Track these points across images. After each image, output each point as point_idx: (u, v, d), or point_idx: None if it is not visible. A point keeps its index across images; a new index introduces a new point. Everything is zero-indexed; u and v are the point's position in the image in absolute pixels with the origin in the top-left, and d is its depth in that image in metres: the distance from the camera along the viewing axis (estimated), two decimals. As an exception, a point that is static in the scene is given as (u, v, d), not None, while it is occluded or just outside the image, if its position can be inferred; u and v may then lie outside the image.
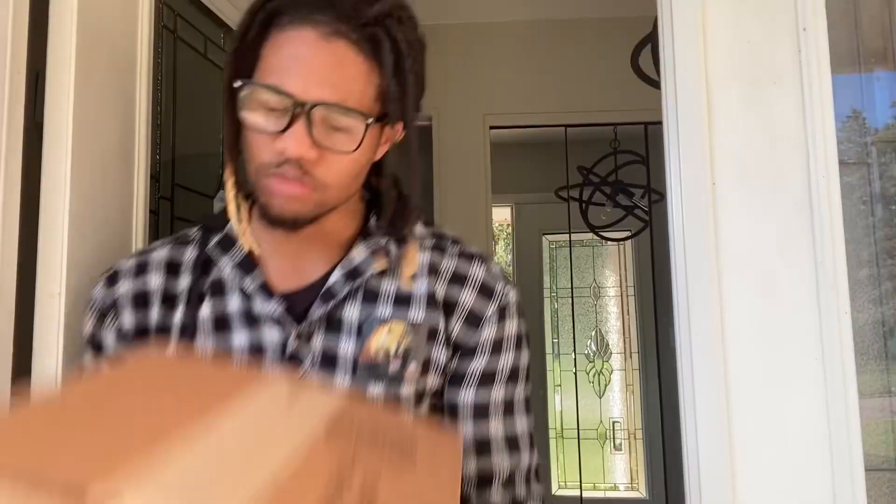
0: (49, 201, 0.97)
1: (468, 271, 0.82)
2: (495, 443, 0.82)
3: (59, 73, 0.99)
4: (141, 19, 1.16)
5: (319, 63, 0.69)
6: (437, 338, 0.80)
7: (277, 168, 0.70)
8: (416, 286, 0.80)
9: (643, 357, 4.48)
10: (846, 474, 1.02)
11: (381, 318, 0.78)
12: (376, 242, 0.80)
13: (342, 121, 0.70)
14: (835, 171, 1.07)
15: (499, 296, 0.82)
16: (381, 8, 0.70)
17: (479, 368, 0.82)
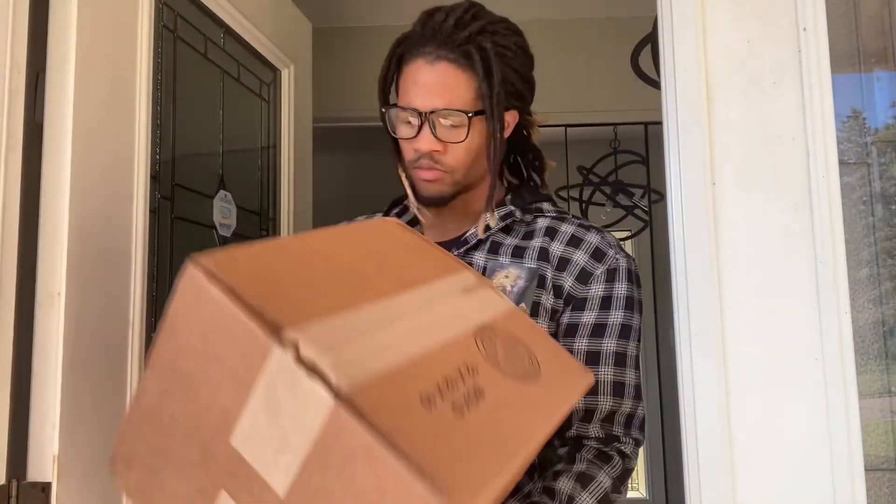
0: (49, 201, 0.97)
1: (584, 236, 1.02)
2: (602, 385, 0.97)
3: (59, 73, 0.99)
4: (141, 19, 1.16)
5: (430, 82, 0.96)
6: (546, 285, 0.99)
7: (417, 162, 0.99)
8: (531, 242, 1.02)
9: (643, 357, 4.48)
10: (846, 474, 1.02)
11: (501, 264, 1.01)
12: (504, 209, 1.05)
13: (452, 119, 0.96)
14: (835, 171, 1.07)
15: (610, 259, 1.00)
16: (472, 29, 0.96)
17: (590, 320, 0.99)
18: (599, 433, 0.97)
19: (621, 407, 0.98)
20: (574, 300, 0.99)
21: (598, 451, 0.97)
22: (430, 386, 0.59)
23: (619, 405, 0.98)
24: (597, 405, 0.97)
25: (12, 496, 0.91)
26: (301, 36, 1.92)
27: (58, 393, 0.93)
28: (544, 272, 0.99)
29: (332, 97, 3.00)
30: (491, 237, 1.03)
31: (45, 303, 0.95)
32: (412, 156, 0.99)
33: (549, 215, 1.06)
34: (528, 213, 1.06)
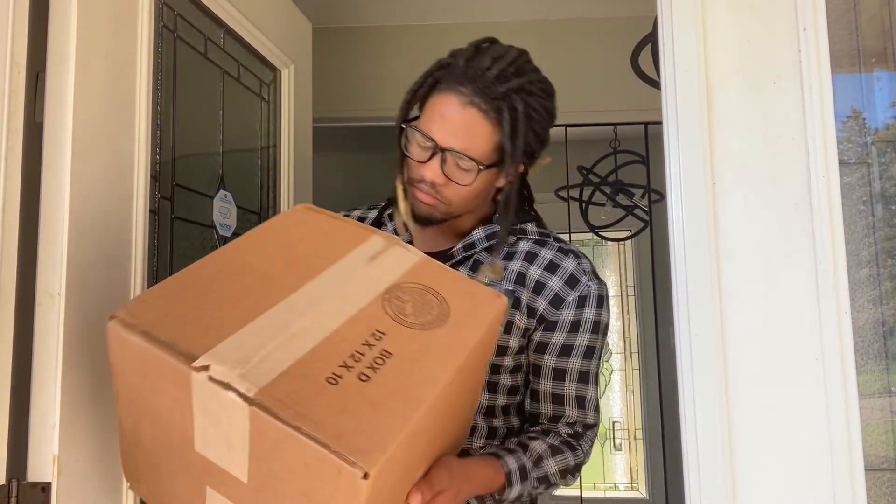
0: (49, 201, 0.97)
1: (561, 262, 1.09)
2: (567, 398, 1.08)
3: (59, 73, 0.99)
4: (141, 19, 1.16)
5: (456, 123, 1.01)
6: (521, 307, 1.06)
7: (418, 184, 1.04)
8: (508, 266, 1.09)
9: (643, 357, 4.48)
10: (846, 474, 1.02)
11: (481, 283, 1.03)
12: (490, 228, 1.11)
13: (464, 163, 1.02)
14: (835, 171, 1.07)
15: (582, 286, 1.08)
16: (511, 86, 1.00)
17: (559, 341, 1.07)
18: (567, 431, 1.09)
19: (585, 419, 1.09)
20: (545, 322, 1.08)
21: (566, 440, 1.08)
22: (336, 365, 0.68)
23: (584, 417, 1.09)
24: (563, 413, 1.09)
25: (12, 496, 0.91)
26: (301, 36, 1.92)
27: (58, 393, 0.93)
28: (520, 295, 1.07)
29: (332, 97, 3.00)
30: (474, 255, 1.11)
31: (45, 303, 0.95)
32: (415, 176, 1.05)
33: (532, 238, 1.13)
34: (512, 235, 1.12)
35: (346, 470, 0.61)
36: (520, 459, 1.00)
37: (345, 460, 0.61)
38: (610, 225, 3.82)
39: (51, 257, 0.96)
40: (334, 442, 0.61)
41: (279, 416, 0.63)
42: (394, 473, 0.68)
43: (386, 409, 0.66)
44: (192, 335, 0.69)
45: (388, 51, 3.08)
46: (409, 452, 0.71)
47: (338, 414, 0.64)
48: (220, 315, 0.72)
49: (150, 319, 0.71)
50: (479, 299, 0.85)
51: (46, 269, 0.96)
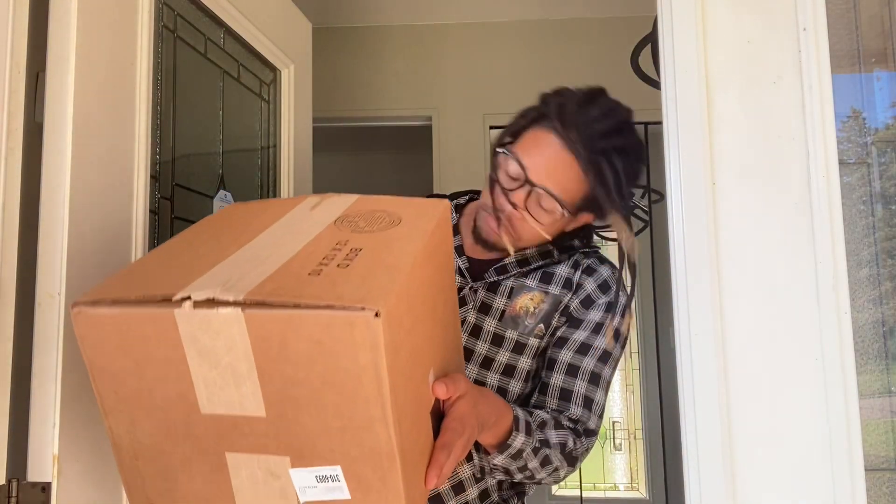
0: (49, 201, 0.97)
1: (598, 268, 1.14)
2: (575, 396, 1.07)
3: (59, 73, 0.99)
4: (141, 19, 1.16)
5: (554, 164, 1.01)
6: (560, 308, 1.11)
7: (492, 210, 1.06)
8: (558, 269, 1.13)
9: (643, 357, 4.48)
10: (846, 474, 1.02)
11: (528, 287, 1.12)
12: (545, 247, 1.14)
13: (549, 204, 1.03)
14: (835, 171, 1.07)
15: (612, 293, 1.12)
16: (614, 143, 1.01)
17: (580, 339, 1.09)
18: (569, 424, 1.05)
19: (588, 422, 1.07)
20: (572, 319, 1.11)
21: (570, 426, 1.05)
22: (314, 265, 0.68)
23: (587, 419, 1.07)
24: (568, 409, 1.07)
25: (12, 496, 0.91)
26: (301, 36, 1.92)
27: (58, 393, 0.93)
28: (564, 298, 1.11)
29: (332, 97, 3.00)
30: (527, 271, 1.13)
31: (45, 303, 0.95)
32: (487, 201, 1.08)
33: (580, 251, 1.17)
34: (564, 253, 1.15)
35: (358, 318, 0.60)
36: (526, 415, 0.98)
37: (353, 310, 0.60)
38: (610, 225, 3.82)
39: (51, 257, 0.96)
40: (337, 301, 0.61)
41: (276, 304, 0.62)
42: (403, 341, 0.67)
43: (373, 276, 0.66)
44: (162, 285, 0.67)
45: (388, 51, 3.08)
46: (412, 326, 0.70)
47: (331, 288, 0.64)
48: (183, 269, 0.71)
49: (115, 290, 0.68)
50: (423, 205, 0.86)
51: (46, 269, 0.96)
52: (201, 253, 0.75)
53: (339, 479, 0.68)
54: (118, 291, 0.67)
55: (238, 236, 0.78)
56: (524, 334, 1.10)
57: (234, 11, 1.56)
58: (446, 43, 3.07)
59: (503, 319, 1.10)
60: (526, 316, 1.10)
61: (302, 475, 0.69)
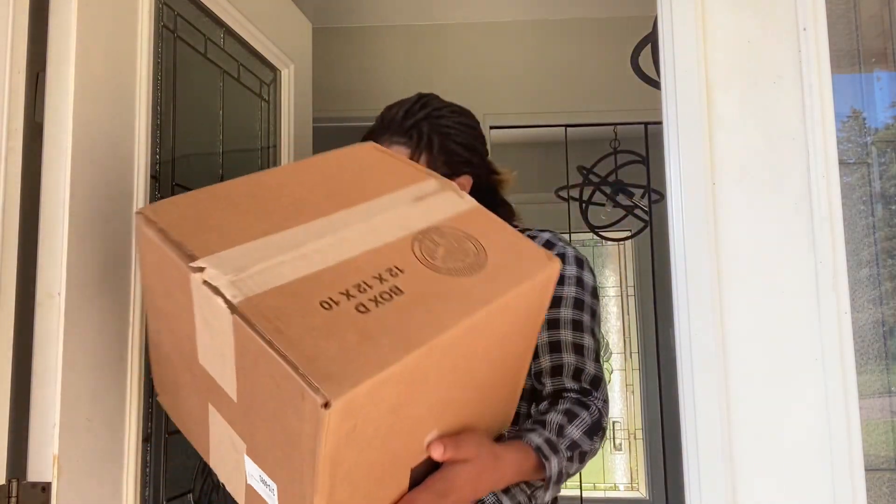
0: (49, 201, 0.97)
1: (538, 235, 1.16)
2: (564, 345, 1.06)
3: (59, 73, 0.99)
4: (141, 19, 1.16)
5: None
6: None
7: None
8: None
9: (643, 357, 4.48)
10: (846, 474, 1.02)
11: None
12: None
13: None
14: (835, 171, 1.07)
15: (557, 248, 1.14)
16: (417, 117, 1.16)
17: None
18: (574, 386, 1.05)
19: (585, 367, 1.06)
20: None
21: (577, 399, 1.04)
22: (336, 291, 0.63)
23: (584, 365, 1.06)
24: (562, 361, 1.06)
25: (12, 496, 0.91)
26: (301, 36, 1.92)
27: (58, 393, 0.93)
28: None
29: (332, 97, 3.00)
30: None
31: (45, 303, 0.95)
32: None
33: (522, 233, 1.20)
34: None
35: (309, 395, 0.56)
36: (541, 434, 0.94)
37: (308, 384, 0.56)
38: (610, 225, 3.82)
39: (51, 257, 0.96)
40: (304, 363, 0.57)
41: (256, 329, 0.59)
42: (380, 419, 0.62)
43: (374, 342, 0.60)
44: (202, 238, 0.67)
45: (388, 51, 3.08)
46: (406, 402, 0.64)
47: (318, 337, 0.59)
48: (237, 225, 0.70)
49: (170, 219, 0.69)
50: (525, 255, 0.76)
51: (46, 269, 0.96)
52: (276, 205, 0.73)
53: (273, 494, 0.67)
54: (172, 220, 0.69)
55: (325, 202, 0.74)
56: None
57: (234, 11, 1.56)
58: (446, 43, 3.07)
59: None
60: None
61: (252, 466, 0.69)
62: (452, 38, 3.08)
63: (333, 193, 0.76)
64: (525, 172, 4.60)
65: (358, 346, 0.59)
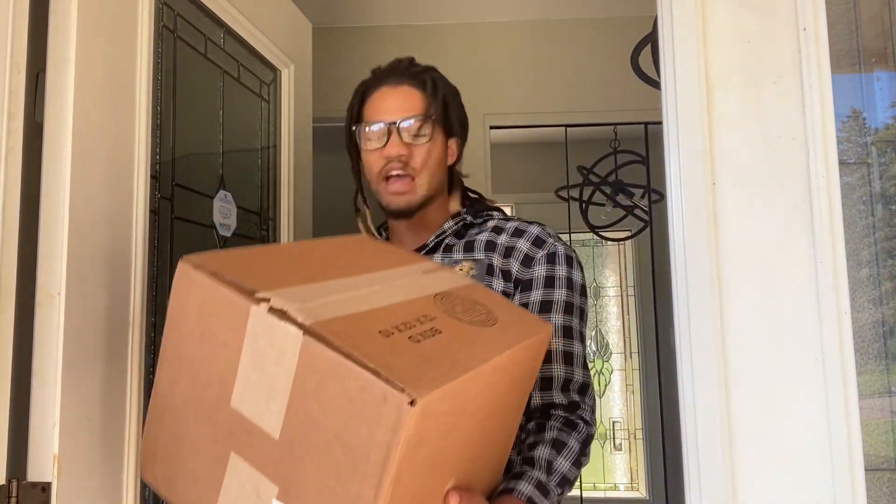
0: (49, 201, 0.97)
1: (527, 229, 1.16)
2: (554, 354, 1.08)
3: (59, 73, 0.99)
4: (141, 19, 1.16)
5: (395, 100, 1.14)
6: (494, 272, 1.12)
7: (386, 170, 1.13)
8: (479, 237, 1.16)
9: (643, 357, 4.48)
10: (846, 474, 1.02)
11: (455, 260, 1.14)
12: (459, 219, 1.20)
13: (417, 124, 1.13)
14: (835, 171, 1.07)
15: (548, 245, 1.13)
16: (421, 68, 1.19)
17: (538, 298, 1.10)
18: (562, 399, 1.07)
19: (574, 376, 1.08)
20: (521, 283, 1.12)
21: (564, 419, 1.06)
22: (389, 325, 0.70)
23: (572, 374, 1.08)
24: (552, 373, 1.08)
25: (12, 496, 0.91)
26: (301, 36, 1.92)
27: (58, 393, 0.93)
28: (491, 261, 1.13)
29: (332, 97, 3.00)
30: (445, 241, 1.18)
31: (45, 303, 0.95)
32: (380, 165, 1.13)
33: (498, 218, 1.21)
34: (479, 218, 1.20)
35: (394, 395, 0.60)
36: (531, 478, 0.97)
37: (393, 386, 0.60)
38: (610, 225, 3.82)
39: (51, 257, 0.96)
40: (385, 370, 0.61)
41: (333, 344, 0.63)
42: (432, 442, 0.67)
43: (433, 363, 0.66)
44: (257, 279, 0.71)
45: (388, 51, 3.08)
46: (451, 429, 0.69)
47: (388, 355, 0.64)
48: (282, 273, 0.75)
49: (219, 265, 0.73)
50: (525, 318, 0.87)
51: (46, 269, 0.96)
52: (308, 266, 0.79)
53: None
54: (221, 266, 0.73)
55: (348, 266, 0.82)
56: None
57: (234, 11, 1.56)
58: (446, 43, 3.07)
59: None
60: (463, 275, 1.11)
61: None
62: (452, 38, 3.08)
63: (352, 262, 0.84)
64: (525, 172, 4.61)
65: (421, 364, 0.65)
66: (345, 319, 0.68)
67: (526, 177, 4.35)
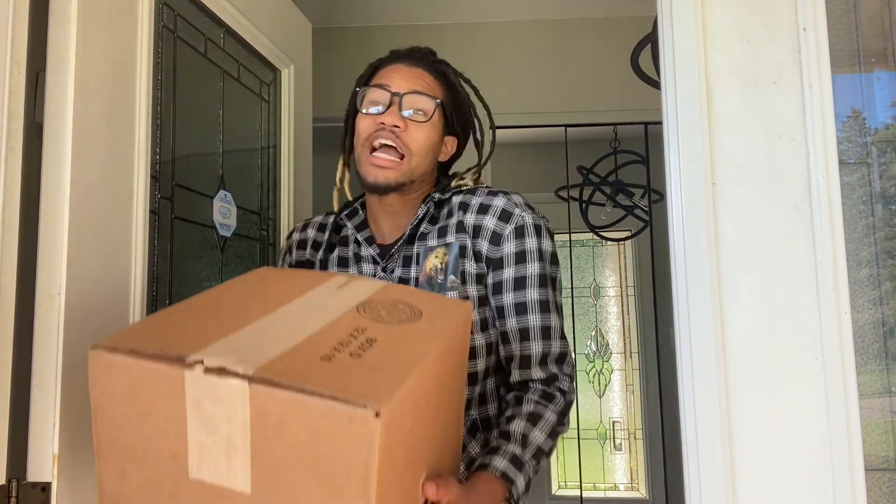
0: (49, 201, 0.97)
1: (491, 202, 1.12)
2: (533, 331, 1.08)
3: (59, 73, 0.99)
4: (141, 19, 1.16)
5: (407, 75, 1.12)
6: (467, 254, 1.10)
7: (374, 134, 1.09)
8: (450, 220, 1.13)
9: (643, 357, 4.48)
10: (846, 474, 1.02)
11: (430, 247, 1.12)
12: (429, 197, 1.15)
13: (422, 103, 1.11)
14: (835, 171, 1.07)
15: (516, 217, 1.10)
16: (441, 60, 1.18)
17: (511, 275, 1.10)
18: (540, 374, 1.08)
19: (552, 349, 1.09)
20: (492, 262, 1.11)
21: (542, 391, 1.07)
22: (327, 349, 0.69)
23: (550, 347, 1.09)
24: (530, 350, 1.09)
25: (12, 496, 0.91)
26: (301, 36, 1.92)
27: (58, 393, 0.93)
28: (464, 242, 1.11)
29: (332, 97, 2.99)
30: (420, 230, 1.14)
31: (45, 303, 0.95)
32: (371, 130, 1.09)
33: (462, 190, 1.17)
34: (446, 193, 1.16)
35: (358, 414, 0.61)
36: (506, 452, 0.99)
37: (355, 405, 0.61)
38: (610, 225, 3.82)
39: (51, 257, 0.96)
40: (341, 392, 0.61)
41: (281, 384, 0.63)
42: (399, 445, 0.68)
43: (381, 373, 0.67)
44: (179, 344, 0.69)
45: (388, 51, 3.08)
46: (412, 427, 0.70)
47: (338, 378, 0.64)
48: (203, 330, 0.73)
49: (135, 340, 0.70)
50: (447, 304, 0.88)
51: (46, 269, 0.96)
52: (224, 315, 0.77)
53: None
54: (137, 342, 0.69)
55: (264, 304, 0.80)
56: (442, 292, 1.09)
57: (234, 11, 1.56)
58: (446, 43, 3.07)
59: (419, 285, 1.11)
60: (437, 274, 1.10)
61: None
62: (452, 38, 3.08)
63: (265, 298, 0.83)
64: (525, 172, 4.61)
65: (371, 376, 0.66)
66: (283, 357, 0.67)
67: (526, 177, 4.35)
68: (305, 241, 1.26)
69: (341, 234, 1.23)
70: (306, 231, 1.27)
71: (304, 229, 1.27)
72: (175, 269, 1.37)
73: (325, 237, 1.24)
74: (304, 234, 1.27)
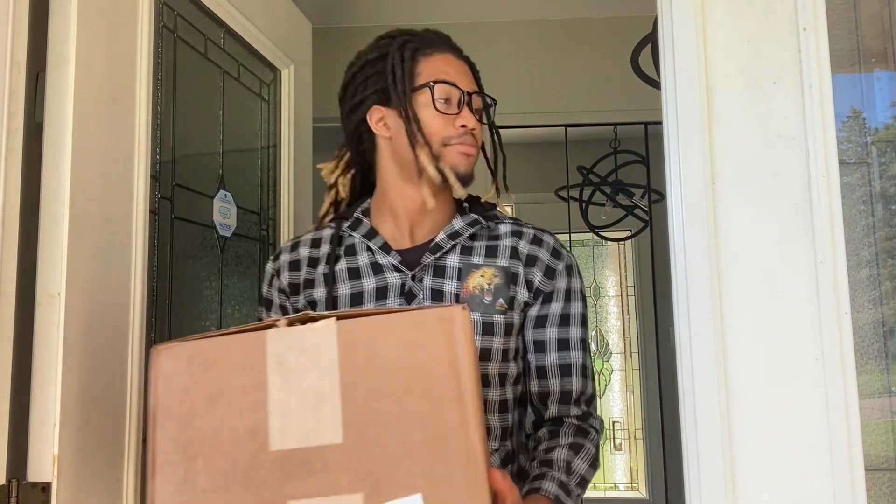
0: (49, 201, 0.97)
1: (543, 238, 1.15)
2: (575, 368, 1.10)
3: (59, 73, 0.99)
4: (141, 19, 1.16)
5: (464, 70, 1.12)
6: (518, 281, 1.10)
7: (460, 138, 1.07)
8: (500, 243, 1.12)
9: (643, 357, 4.48)
10: (846, 474, 1.02)
11: (475, 265, 1.09)
12: (470, 217, 1.13)
13: (478, 103, 1.12)
14: (835, 171, 1.07)
15: (565, 257, 1.14)
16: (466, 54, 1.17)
17: (557, 311, 1.12)
18: (577, 411, 1.11)
19: (587, 388, 1.12)
20: (542, 294, 1.12)
21: (577, 426, 1.09)
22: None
23: (586, 386, 1.12)
24: (571, 386, 1.11)
25: (12, 496, 0.91)
26: (301, 36, 1.92)
27: (58, 393, 0.93)
28: (516, 270, 1.11)
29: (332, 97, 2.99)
30: (461, 242, 1.11)
31: (45, 303, 0.95)
32: (452, 132, 1.07)
33: (508, 221, 1.17)
34: (490, 220, 1.15)
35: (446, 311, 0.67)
36: (554, 478, 1.00)
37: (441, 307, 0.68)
38: (610, 225, 3.82)
39: (51, 257, 0.96)
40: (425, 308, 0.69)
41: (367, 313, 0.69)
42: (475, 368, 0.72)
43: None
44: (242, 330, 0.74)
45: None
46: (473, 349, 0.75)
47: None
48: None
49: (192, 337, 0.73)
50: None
51: (46, 269, 0.96)
52: None
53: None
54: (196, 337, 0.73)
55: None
56: (487, 313, 1.06)
57: (234, 11, 1.56)
58: (446, 43, 3.06)
59: (460, 301, 1.07)
60: (483, 294, 1.07)
61: None
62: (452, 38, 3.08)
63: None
64: (525, 172, 4.61)
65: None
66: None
67: (526, 176, 4.34)
68: (298, 261, 1.15)
69: (344, 244, 1.14)
70: (297, 251, 1.16)
71: (294, 249, 1.17)
72: (175, 269, 1.37)
73: (324, 250, 1.14)
74: (296, 254, 1.16)
